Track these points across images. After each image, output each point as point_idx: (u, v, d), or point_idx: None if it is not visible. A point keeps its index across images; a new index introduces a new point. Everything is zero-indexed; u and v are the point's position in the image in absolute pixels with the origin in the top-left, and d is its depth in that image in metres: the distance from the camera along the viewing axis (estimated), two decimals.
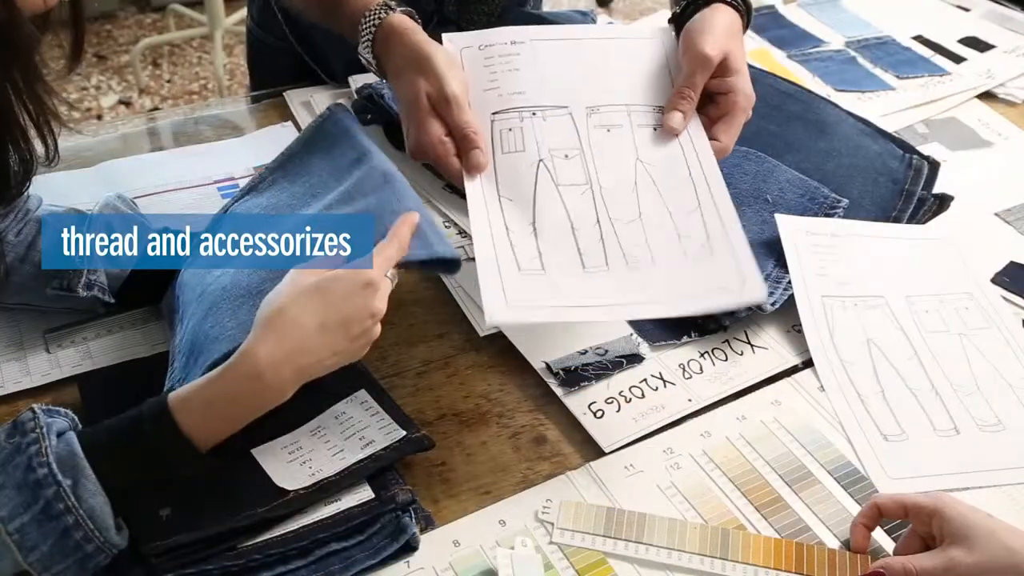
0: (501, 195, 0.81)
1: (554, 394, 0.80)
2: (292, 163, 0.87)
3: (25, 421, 0.60)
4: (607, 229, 0.80)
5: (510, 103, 0.86)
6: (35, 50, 0.58)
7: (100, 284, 0.80)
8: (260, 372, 0.63)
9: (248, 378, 0.63)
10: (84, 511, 0.59)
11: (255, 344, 0.64)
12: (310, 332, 0.65)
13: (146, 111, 2.88)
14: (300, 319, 0.64)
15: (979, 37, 1.39)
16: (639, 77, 0.89)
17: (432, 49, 0.84)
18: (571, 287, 0.75)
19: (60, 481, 0.58)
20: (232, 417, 0.65)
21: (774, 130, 1.04)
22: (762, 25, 1.40)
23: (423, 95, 0.82)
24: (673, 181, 0.83)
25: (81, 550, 0.59)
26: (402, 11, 0.89)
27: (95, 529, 0.59)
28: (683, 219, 0.81)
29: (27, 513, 0.57)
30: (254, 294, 0.73)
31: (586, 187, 0.82)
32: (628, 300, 0.76)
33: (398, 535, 0.66)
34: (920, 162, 1.01)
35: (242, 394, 0.64)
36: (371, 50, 0.89)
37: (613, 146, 0.85)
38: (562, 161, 0.84)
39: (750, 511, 0.71)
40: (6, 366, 0.80)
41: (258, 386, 0.64)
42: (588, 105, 0.87)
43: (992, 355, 0.86)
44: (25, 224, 0.80)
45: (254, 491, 0.67)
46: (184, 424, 0.63)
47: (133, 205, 0.87)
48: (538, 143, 0.84)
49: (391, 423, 0.73)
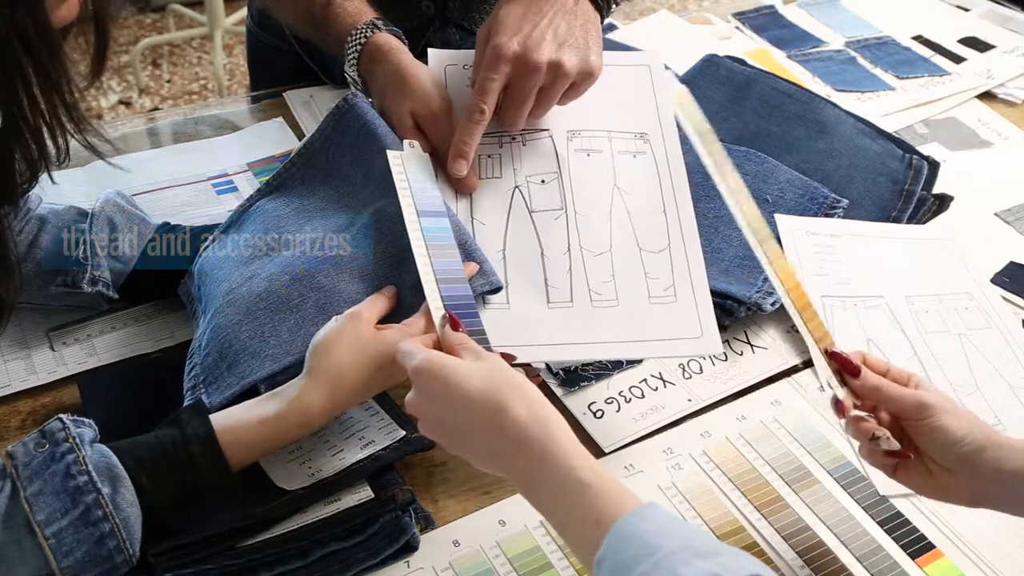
0: (474, 217, 0.82)
1: (554, 394, 0.80)
2: (319, 160, 0.86)
3: (55, 431, 0.61)
4: (576, 259, 0.80)
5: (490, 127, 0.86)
6: (56, 55, 0.58)
7: (104, 280, 0.80)
8: (312, 421, 0.67)
9: (300, 426, 0.67)
10: (120, 520, 0.59)
11: (309, 395, 0.67)
12: (359, 387, 0.69)
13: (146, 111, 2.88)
14: (354, 377, 0.68)
15: (979, 37, 1.39)
16: (623, 102, 0.90)
17: (417, 69, 0.87)
18: (534, 325, 0.76)
19: (100, 488, 0.59)
20: (272, 451, 0.68)
21: (774, 130, 1.04)
22: (762, 25, 1.40)
23: (407, 113, 0.84)
24: (647, 214, 0.83)
25: (111, 560, 0.59)
26: (388, 31, 0.90)
27: (127, 540, 0.60)
28: (651, 258, 0.81)
29: (65, 518, 0.58)
30: (293, 309, 0.73)
31: (561, 212, 0.82)
32: (589, 340, 0.76)
33: (398, 535, 0.66)
34: (920, 162, 1.01)
35: (291, 438, 0.68)
36: (356, 68, 0.90)
37: (592, 171, 0.85)
38: (538, 187, 0.84)
39: (750, 511, 0.71)
40: (11, 365, 0.80)
41: (307, 431, 0.68)
42: (569, 128, 0.87)
43: (992, 355, 0.86)
44: (26, 222, 0.80)
45: (253, 491, 0.67)
46: (231, 457, 0.64)
47: (132, 201, 0.87)
48: (515, 170, 0.85)
49: (391, 423, 0.73)
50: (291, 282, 0.75)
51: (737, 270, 0.89)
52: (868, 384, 0.65)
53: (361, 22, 0.90)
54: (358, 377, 0.68)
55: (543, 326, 0.76)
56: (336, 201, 0.83)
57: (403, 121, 0.85)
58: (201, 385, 0.72)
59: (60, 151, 0.64)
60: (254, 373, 0.71)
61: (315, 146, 0.87)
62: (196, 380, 0.73)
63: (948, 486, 0.63)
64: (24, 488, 0.58)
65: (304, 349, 0.70)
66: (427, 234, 0.71)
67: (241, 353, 0.72)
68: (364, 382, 0.68)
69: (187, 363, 0.75)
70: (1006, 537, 0.71)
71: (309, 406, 0.66)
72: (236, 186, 1.02)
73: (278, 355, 0.72)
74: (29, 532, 0.57)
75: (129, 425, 0.65)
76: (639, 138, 0.88)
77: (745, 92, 1.07)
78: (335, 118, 0.86)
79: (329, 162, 0.85)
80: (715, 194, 0.93)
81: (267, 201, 0.85)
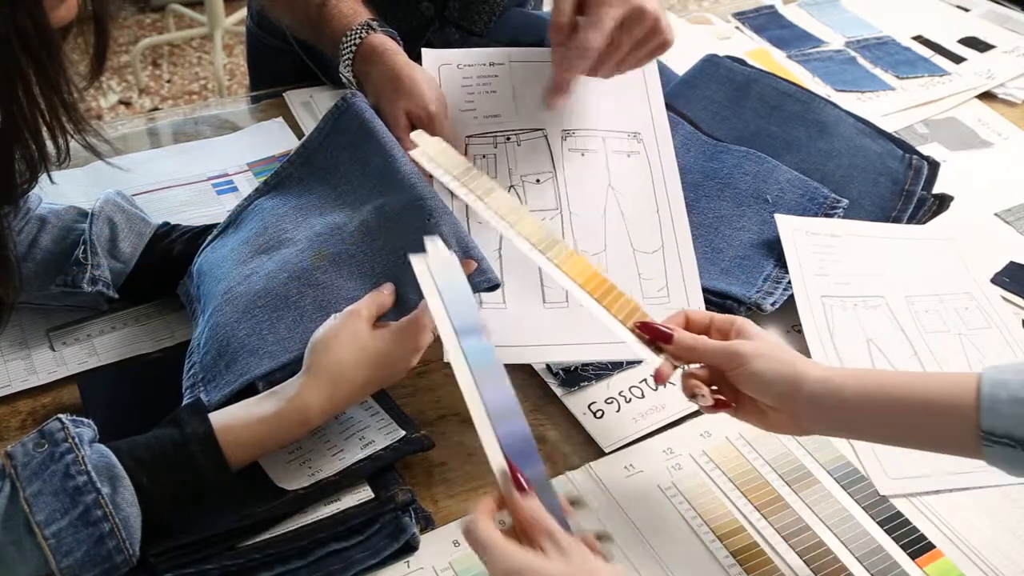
0: (470, 217, 0.82)
1: (554, 394, 0.80)
2: (317, 159, 0.86)
3: (54, 431, 0.61)
4: None
5: (485, 127, 0.87)
6: (56, 55, 0.58)
7: (104, 280, 0.80)
8: (310, 420, 0.67)
9: (299, 424, 0.67)
10: (120, 520, 0.59)
11: (308, 393, 0.67)
12: (358, 386, 0.69)
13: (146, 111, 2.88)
14: (353, 376, 0.68)
15: (979, 37, 1.39)
16: (618, 102, 0.90)
17: (411, 69, 0.87)
18: (530, 325, 0.76)
19: (99, 488, 0.59)
20: (271, 450, 0.68)
21: (774, 130, 1.04)
22: (762, 25, 1.40)
23: (402, 113, 0.84)
24: (641, 215, 0.84)
25: (111, 560, 0.59)
26: (383, 32, 0.90)
27: (127, 539, 0.60)
28: (645, 259, 0.81)
29: (64, 518, 0.58)
30: (291, 307, 0.73)
31: (555, 212, 0.83)
32: (585, 340, 0.77)
33: (398, 535, 0.66)
34: (920, 162, 1.01)
35: (290, 437, 0.68)
36: (352, 69, 0.90)
37: (586, 171, 0.86)
38: (533, 186, 0.84)
39: (750, 511, 0.71)
40: (12, 365, 0.80)
41: (306, 430, 0.68)
42: (564, 128, 0.87)
43: (992, 355, 0.86)
44: (26, 222, 0.80)
45: (254, 491, 0.67)
46: (231, 456, 0.65)
47: (132, 201, 0.87)
48: (510, 170, 0.85)
49: (391, 423, 0.73)
50: (289, 280, 0.75)
51: (737, 270, 0.89)
52: (683, 346, 0.68)
53: (356, 23, 0.91)
54: (357, 376, 0.68)
55: (539, 326, 0.76)
56: (335, 199, 0.83)
57: (398, 121, 0.85)
58: (200, 384, 0.72)
59: (60, 152, 0.64)
60: (252, 371, 0.71)
61: (313, 145, 0.87)
62: (195, 379, 0.73)
63: (778, 422, 0.66)
64: (23, 488, 0.58)
65: (302, 347, 0.70)
66: (471, 359, 0.61)
67: (239, 351, 0.72)
68: (363, 381, 0.69)
69: (186, 362, 0.76)
70: (1006, 537, 0.71)
71: (308, 405, 0.66)
72: (236, 186, 1.02)
73: (276, 352, 0.71)
74: (29, 532, 0.57)
75: (129, 425, 0.65)
76: (632, 137, 0.88)
77: (745, 92, 1.07)
78: (334, 117, 0.86)
79: (328, 160, 0.85)
80: (715, 194, 0.94)
81: (265, 200, 0.85)
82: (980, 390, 0.59)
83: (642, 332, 0.70)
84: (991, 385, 0.58)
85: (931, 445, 0.64)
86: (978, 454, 0.59)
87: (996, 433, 0.58)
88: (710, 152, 0.98)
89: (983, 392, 0.58)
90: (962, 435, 0.59)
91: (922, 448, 0.64)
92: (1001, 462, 0.59)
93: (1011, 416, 0.57)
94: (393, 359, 0.69)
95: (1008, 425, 0.57)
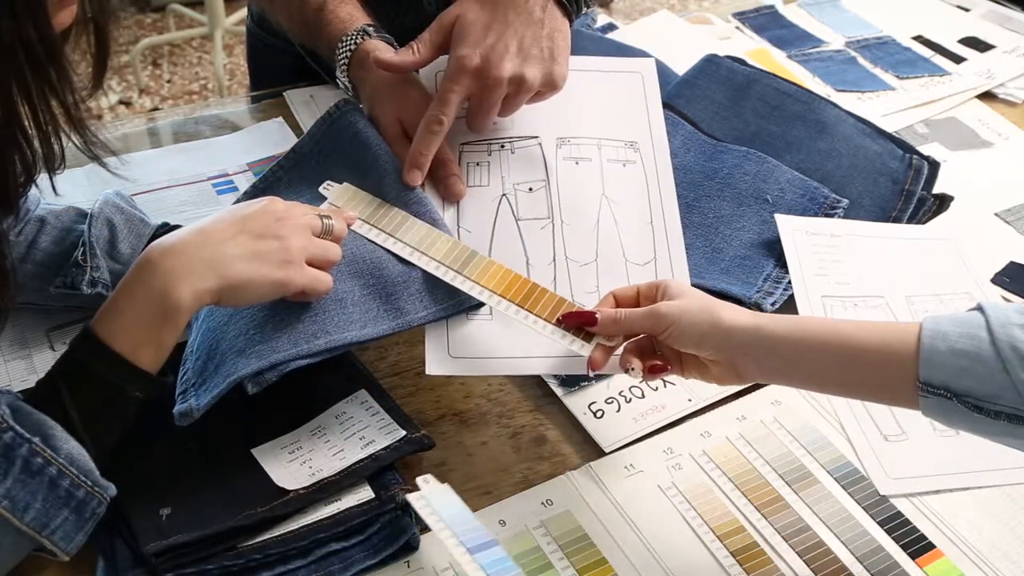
0: (460, 225, 0.82)
1: (554, 394, 0.80)
2: (308, 164, 0.86)
3: None
4: (561, 269, 0.80)
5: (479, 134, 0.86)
6: (57, 60, 0.58)
7: (103, 281, 0.80)
8: (150, 259, 0.64)
9: (138, 267, 0.64)
10: (63, 458, 0.59)
11: (164, 260, 0.64)
12: (226, 255, 0.66)
13: (146, 111, 2.88)
14: (202, 225, 0.67)
15: (979, 37, 1.39)
16: (614, 110, 0.89)
17: (406, 77, 0.86)
18: (516, 335, 0.76)
19: (29, 439, 0.58)
20: (160, 336, 0.64)
21: (774, 130, 1.04)
22: (762, 25, 1.40)
23: (395, 121, 0.84)
24: (634, 225, 0.83)
25: (73, 498, 0.59)
26: (379, 37, 0.90)
27: (79, 474, 0.59)
28: (637, 270, 0.81)
29: (8, 478, 0.57)
30: (279, 307, 0.73)
31: (547, 221, 0.82)
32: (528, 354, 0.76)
33: (398, 535, 0.66)
34: (920, 162, 1.01)
35: (161, 309, 0.63)
36: (347, 74, 0.90)
37: (580, 179, 0.85)
38: (525, 195, 0.84)
39: (750, 511, 0.71)
40: (12, 365, 0.80)
41: (174, 300, 0.63)
42: (559, 136, 0.87)
43: None
44: (25, 223, 0.80)
45: (254, 491, 0.67)
46: (120, 347, 0.62)
47: (132, 202, 0.87)
48: (503, 178, 0.84)
49: (391, 423, 0.73)
50: None
51: (737, 270, 0.89)
52: (607, 323, 0.69)
53: (352, 28, 0.91)
54: (208, 225, 0.67)
55: (526, 337, 0.75)
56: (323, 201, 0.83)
57: (390, 129, 0.85)
58: (191, 389, 0.72)
59: (57, 157, 0.64)
60: (239, 370, 0.70)
61: (304, 150, 0.87)
62: (187, 384, 0.73)
63: (720, 374, 0.67)
64: None
65: (291, 346, 0.70)
66: (490, 571, 0.60)
67: (228, 352, 0.72)
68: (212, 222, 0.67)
69: (180, 369, 0.75)
70: (1006, 537, 0.71)
71: (148, 247, 0.65)
72: (236, 186, 1.02)
73: (264, 352, 0.70)
74: None
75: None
76: (629, 147, 0.87)
77: (745, 92, 1.07)
78: (325, 124, 0.86)
79: (319, 166, 0.85)
80: (715, 194, 0.94)
81: None
82: (920, 341, 0.58)
83: (567, 322, 0.71)
84: (931, 336, 0.58)
85: (866, 394, 0.64)
86: (913, 404, 0.59)
87: (933, 384, 0.58)
88: (710, 152, 0.98)
89: (923, 343, 0.58)
90: (898, 385, 0.59)
91: (857, 397, 0.64)
92: (937, 413, 0.59)
93: (949, 367, 0.57)
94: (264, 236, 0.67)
95: (945, 377, 0.57)
